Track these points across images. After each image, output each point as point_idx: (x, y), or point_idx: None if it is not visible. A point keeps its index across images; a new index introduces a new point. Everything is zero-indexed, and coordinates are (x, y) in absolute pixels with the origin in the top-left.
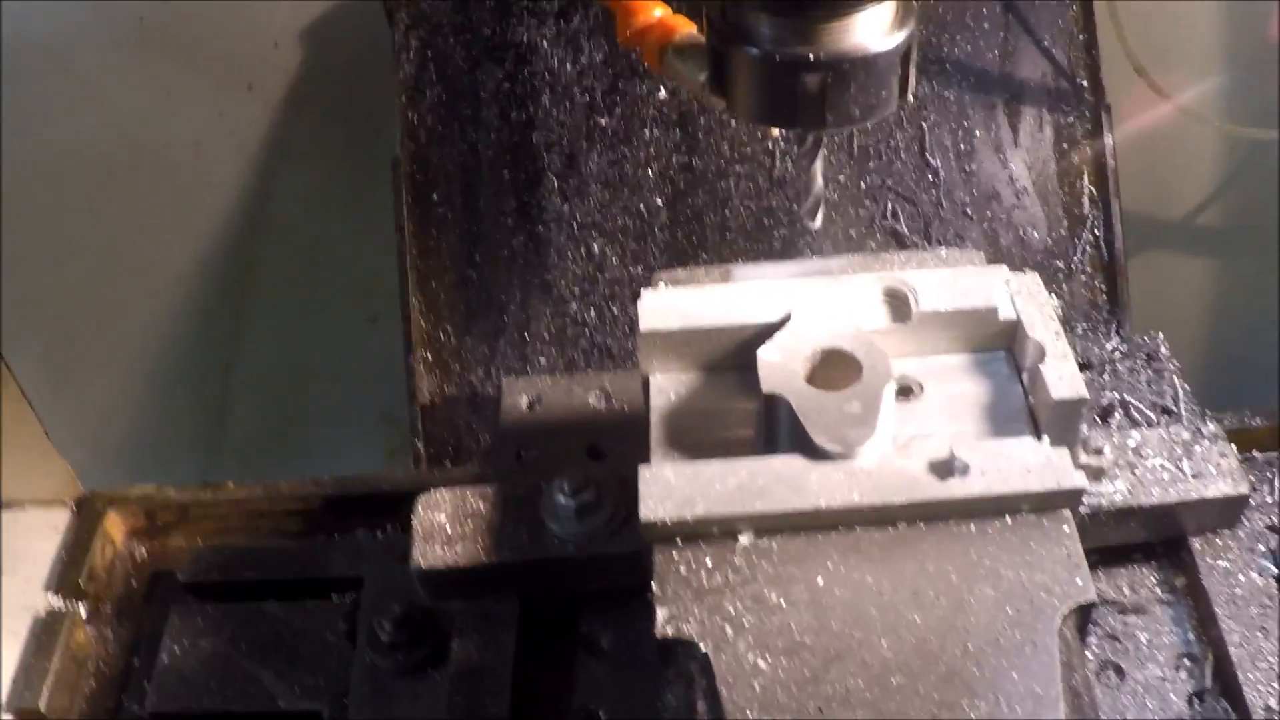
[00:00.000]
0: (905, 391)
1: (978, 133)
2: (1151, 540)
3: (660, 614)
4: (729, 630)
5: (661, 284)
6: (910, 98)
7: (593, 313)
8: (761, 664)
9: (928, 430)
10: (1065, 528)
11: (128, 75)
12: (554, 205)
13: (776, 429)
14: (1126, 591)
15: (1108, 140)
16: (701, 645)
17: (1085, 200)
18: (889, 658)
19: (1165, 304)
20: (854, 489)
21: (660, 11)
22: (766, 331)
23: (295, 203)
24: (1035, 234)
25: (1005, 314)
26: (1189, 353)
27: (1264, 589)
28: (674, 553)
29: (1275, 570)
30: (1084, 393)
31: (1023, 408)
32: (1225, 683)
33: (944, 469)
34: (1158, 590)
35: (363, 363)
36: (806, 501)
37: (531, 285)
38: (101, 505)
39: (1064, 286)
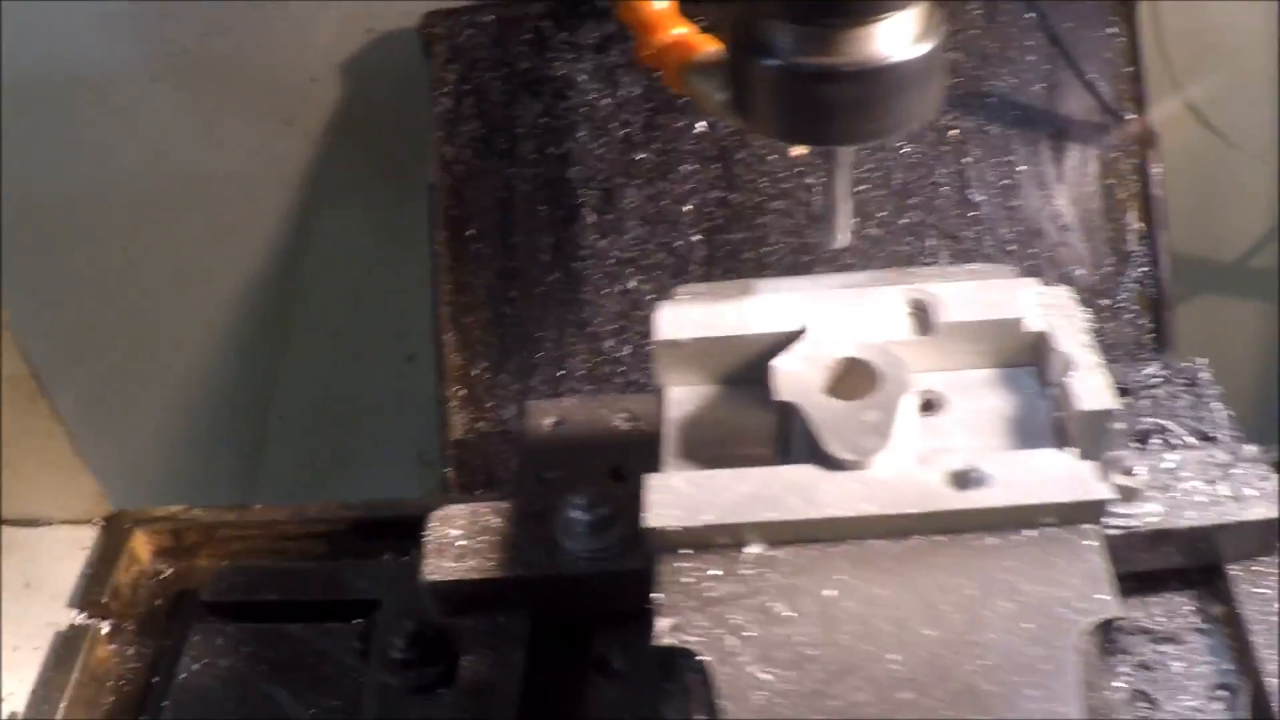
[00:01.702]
0: (929, 406)
1: (1021, 168)
2: (1188, 567)
3: (662, 623)
4: (733, 641)
5: (681, 296)
6: (935, 113)
7: (628, 350)
8: (765, 676)
9: (951, 445)
10: (1090, 541)
11: (169, 108)
12: (590, 241)
13: (791, 440)
14: (1161, 620)
15: (1154, 174)
16: (703, 655)
17: (1130, 236)
18: (899, 672)
19: (1217, 347)
20: (868, 499)
21: (682, 29)
22: (785, 342)
23: (335, 237)
24: (1080, 271)
25: (1033, 326)
26: (1241, 397)
27: None
28: (679, 562)
29: None
30: (1112, 404)
31: (1050, 423)
32: (1262, 714)
33: (963, 480)
34: (1194, 619)
35: (400, 402)
36: (818, 511)
37: (566, 322)
38: (129, 524)
39: (1109, 325)
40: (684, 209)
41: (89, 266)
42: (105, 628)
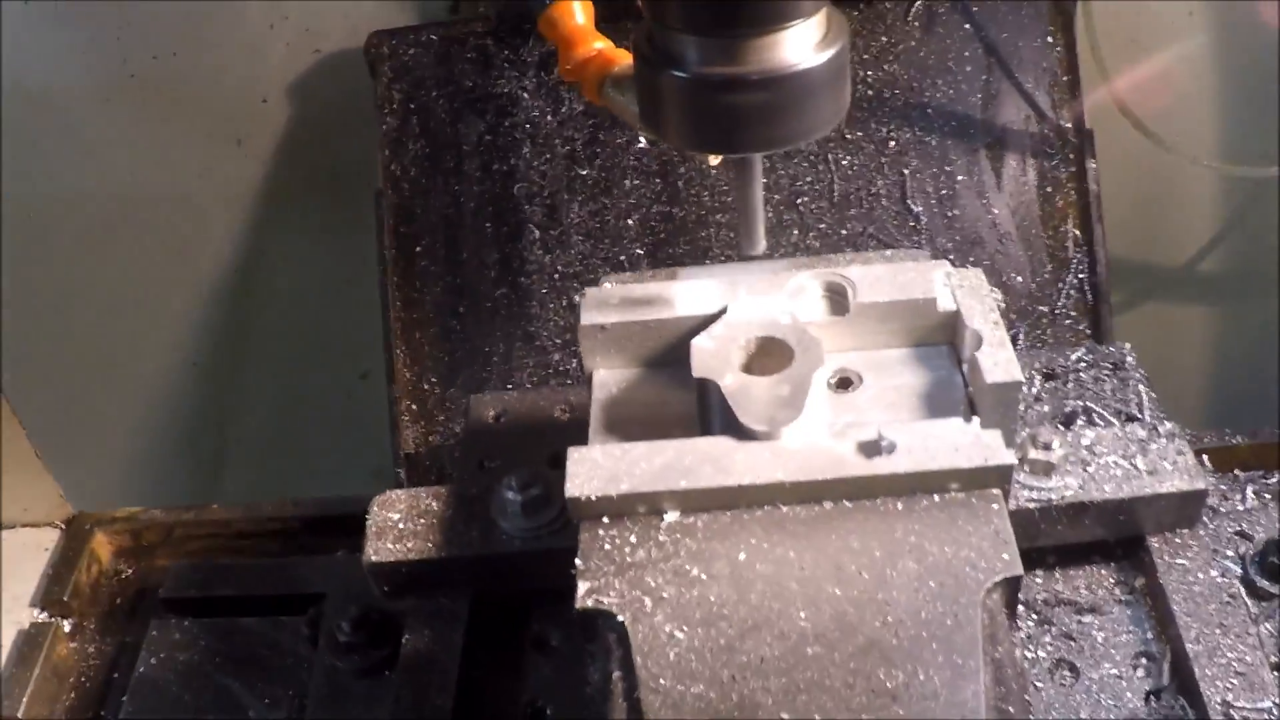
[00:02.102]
0: (845, 383)
1: (960, 177)
2: (1110, 540)
3: (581, 587)
4: (648, 602)
5: (607, 284)
6: (842, 118)
7: (575, 363)
8: (678, 634)
9: (866, 420)
10: (995, 505)
11: (119, 129)
12: (536, 256)
13: (710, 416)
14: (1084, 592)
15: (1091, 184)
16: (620, 616)
17: (1069, 244)
18: (806, 628)
19: (1157, 351)
20: (779, 467)
21: (601, 44)
22: (705, 324)
23: (286, 256)
24: (1019, 278)
25: (944, 305)
26: (1187, 401)
27: (1224, 587)
28: (599, 530)
29: (1239, 571)
30: (1019, 377)
31: (962, 399)
32: (1182, 680)
33: (871, 448)
34: (1116, 590)
35: (354, 418)
36: (731, 479)
37: (514, 336)
38: (89, 525)
39: (1048, 331)
40: (627, 223)
41: (48, 277)
42: (66, 626)
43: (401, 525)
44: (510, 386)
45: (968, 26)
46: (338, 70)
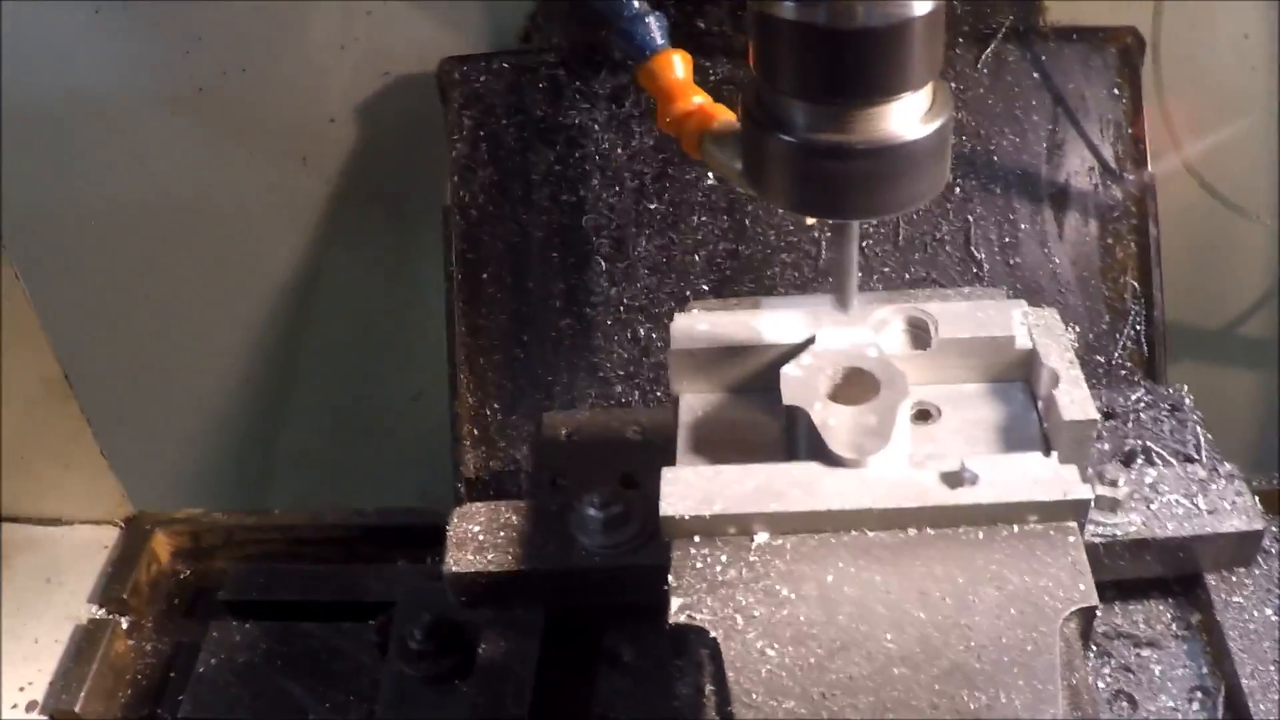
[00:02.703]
0: (924, 415)
1: (1023, 225)
2: (1168, 576)
3: (674, 603)
4: (739, 620)
5: (695, 309)
6: (943, 188)
7: (637, 395)
8: (769, 651)
9: (944, 452)
10: (1071, 538)
11: (185, 141)
12: (602, 288)
13: (796, 442)
14: (1142, 626)
15: (1152, 237)
16: (712, 632)
17: (1128, 295)
18: (893, 650)
19: (1210, 406)
20: (866, 494)
21: (700, 99)
22: (792, 353)
23: (345, 276)
24: (1076, 328)
25: (1021, 343)
26: (1235, 456)
27: (1278, 624)
28: (691, 549)
29: None
30: (1094, 415)
31: (1037, 435)
32: (1237, 714)
33: (954, 479)
34: (1173, 626)
35: (405, 439)
36: (820, 504)
37: (578, 367)
38: (149, 525)
39: (1104, 381)
40: (694, 258)
41: (114, 283)
42: (124, 624)
43: (482, 537)
44: None
45: (1035, 75)
46: (405, 93)
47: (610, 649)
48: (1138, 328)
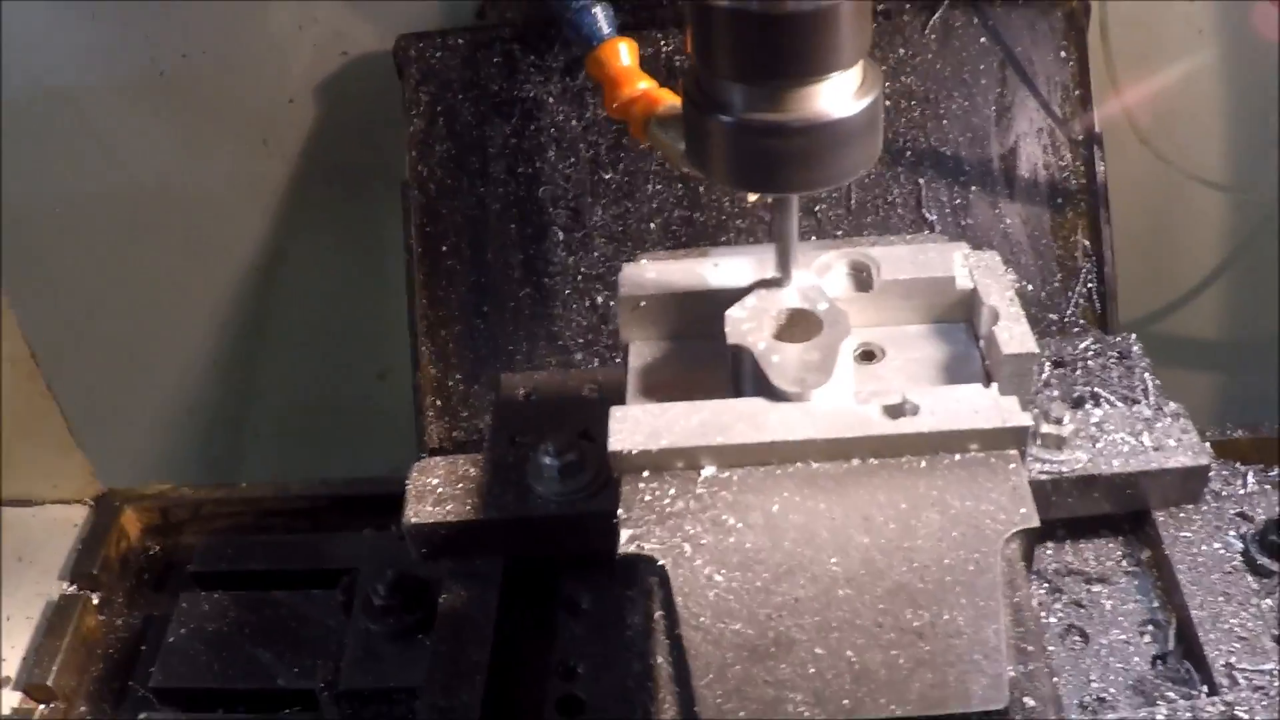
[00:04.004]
0: (868, 356)
1: (973, 187)
2: (1117, 514)
3: (624, 534)
4: (688, 548)
5: (644, 260)
6: (875, 161)
7: (596, 362)
8: (717, 577)
9: (888, 389)
10: (1011, 465)
11: (146, 128)
12: (559, 258)
13: (742, 381)
14: (1092, 563)
15: (1100, 193)
16: (661, 560)
17: (1079, 254)
18: (837, 573)
19: (1166, 371)
20: (810, 426)
21: (645, 84)
22: (737, 297)
23: (308, 256)
24: (1029, 287)
25: (962, 283)
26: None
27: (1226, 558)
28: (640, 483)
29: (1240, 547)
30: (1034, 348)
31: (979, 371)
32: (1188, 645)
33: (896, 410)
34: (1123, 562)
35: (371, 418)
36: (765, 436)
37: (537, 335)
38: (119, 502)
39: (1056, 338)
40: (649, 226)
41: (79, 266)
42: (95, 599)
43: (440, 490)
44: None
45: (983, 40)
46: (363, 72)
47: (569, 597)
48: (1089, 285)
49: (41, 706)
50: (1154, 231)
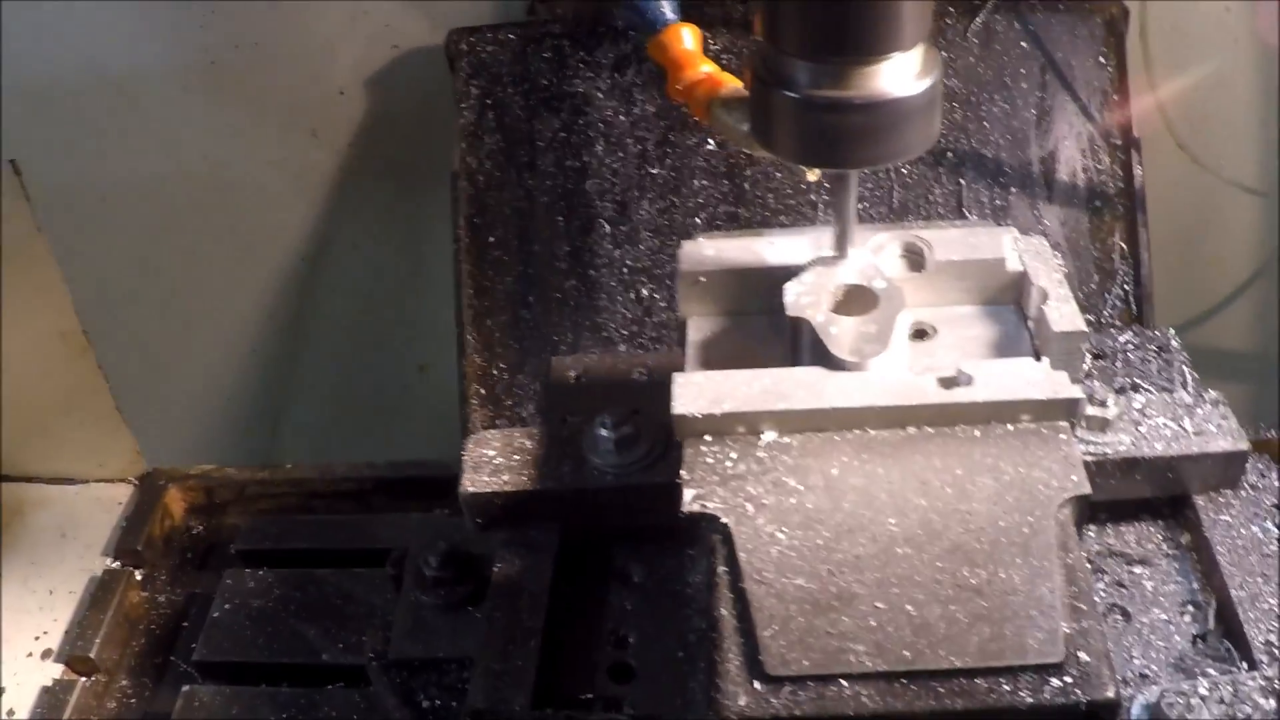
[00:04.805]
0: (921, 334)
1: (1013, 189)
2: (1157, 497)
3: (687, 494)
4: (750, 507)
5: (701, 239)
6: (933, 142)
7: (639, 352)
8: (779, 535)
9: (941, 365)
10: (1063, 435)
11: (197, 115)
12: (606, 250)
13: (800, 352)
14: (1134, 545)
15: (1138, 196)
16: (724, 519)
17: (1115, 256)
18: (896, 533)
19: (1200, 373)
20: (868, 393)
21: (708, 68)
22: (794, 274)
23: (353, 248)
24: None
25: (1013, 266)
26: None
27: (1264, 541)
28: (702, 446)
29: (1277, 532)
30: (1083, 326)
31: (1028, 350)
32: (1227, 625)
33: (950, 382)
34: (1164, 545)
35: (410, 411)
36: (824, 402)
37: (582, 327)
38: (163, 481)
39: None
40: (695, 221)
41: (130, 248)
42: (138, 575)
43: (496, 460)
44: None
45: (1024, 44)
46: (414, 66)
47: (621, 569)
48: (1125, 287)
49: (83, 679)
50: (1190, 235)
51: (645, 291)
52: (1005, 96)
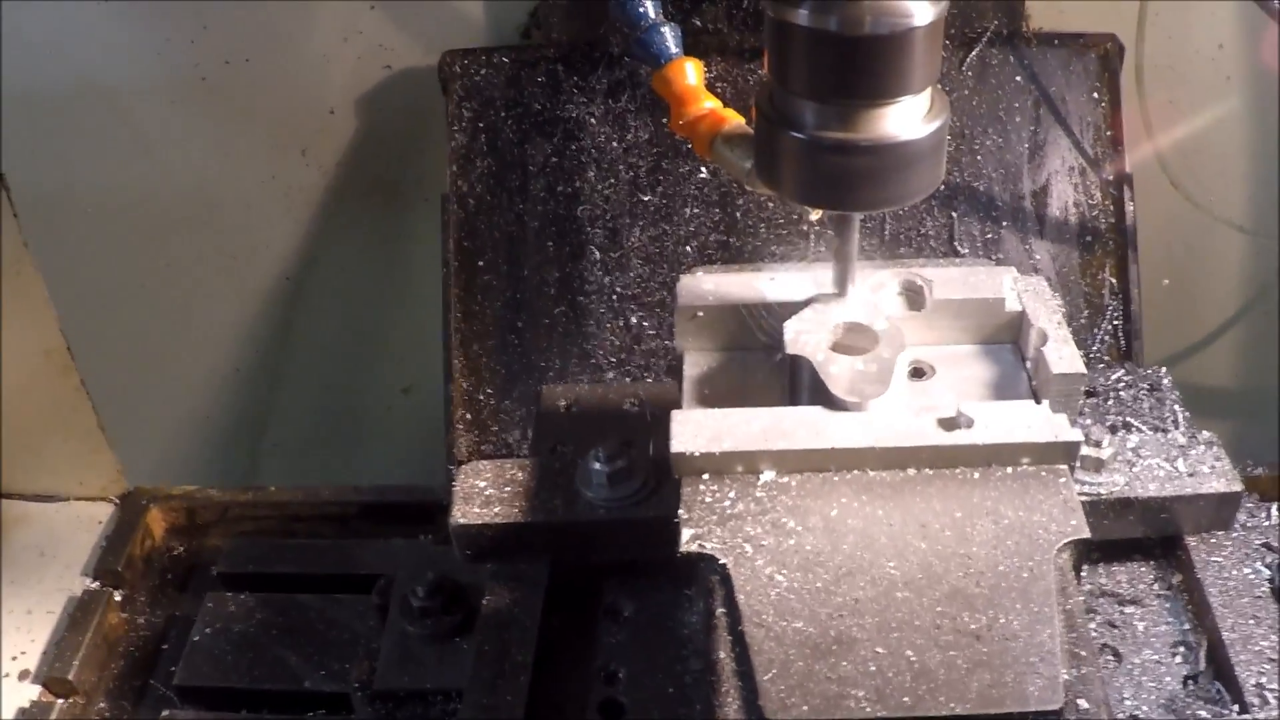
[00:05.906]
0: (919, 373)
1: (1005, 222)
2: (1150, 537)
3: (685, 534)
4: (748, 548)
5: (699, 273)
6: (939, 185)
7: (629, 382)
8: (778, 577)
9: (939, 404)
10: (1062, 479)
11: (187, 129)
12: (596, 277)
13: (799, 391)
14: (1125, 585)
15: (1129, 231)
16: (722, 559)
17: (1105, 291)
18: (895, 576)
19: (1188, 409)
20: (868, 434)
21: (711, 104)
22: (793, 310)
23: (340, 267)
24: None
25: (1011, 305)
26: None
27: (1255, 584)
28: (700, 484)
29: (1268, 573)
30: (1082, 369)
31: (1026, 391)
32: (1218, 665)
33: (950, 423)
34: (1155, 586)
35: (393, 432)
36: (824, 443)
37: (570, 353)
38: (144, 500)
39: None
40: (686, 249)
41: (115, 263)
42: (118, 596)
43: (489, 491)
44: None
45: (1018, 78)
46: (405, 87)
47: (610, 604)
48: (1115, 322)
49: (61, 701)
50: (1179, 272)
51: (634, 319)
52: (998, 130)
